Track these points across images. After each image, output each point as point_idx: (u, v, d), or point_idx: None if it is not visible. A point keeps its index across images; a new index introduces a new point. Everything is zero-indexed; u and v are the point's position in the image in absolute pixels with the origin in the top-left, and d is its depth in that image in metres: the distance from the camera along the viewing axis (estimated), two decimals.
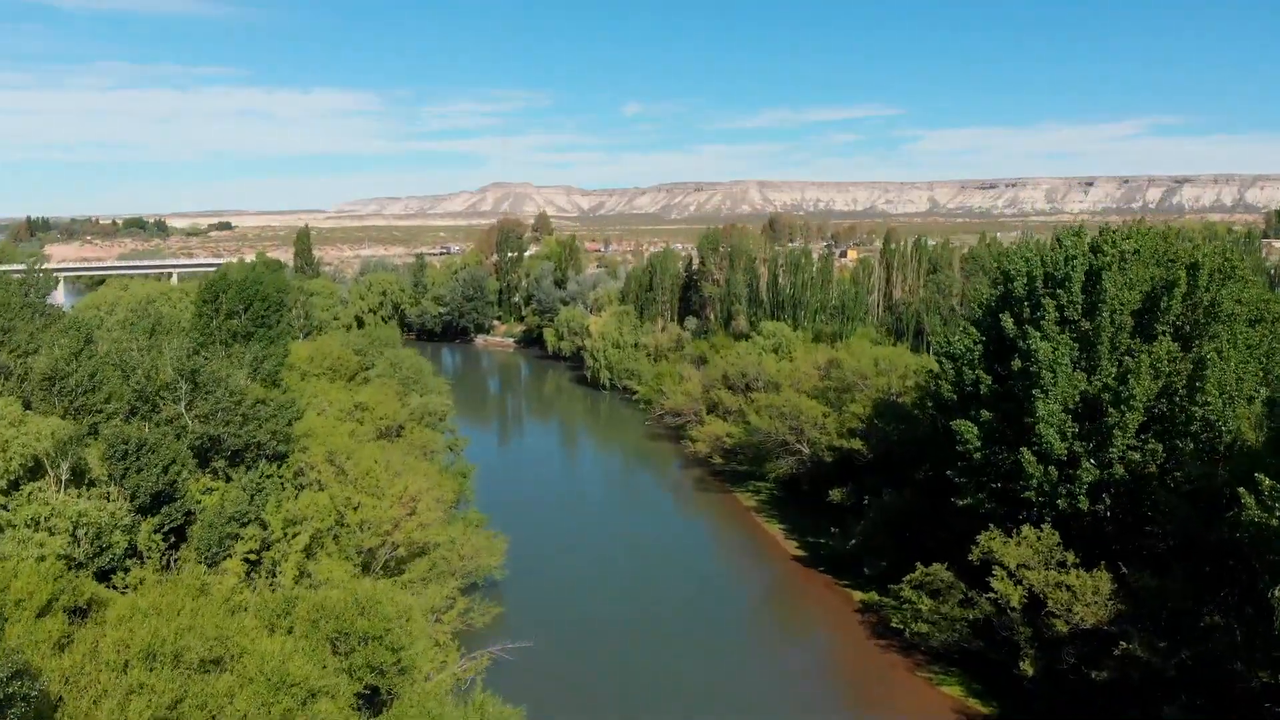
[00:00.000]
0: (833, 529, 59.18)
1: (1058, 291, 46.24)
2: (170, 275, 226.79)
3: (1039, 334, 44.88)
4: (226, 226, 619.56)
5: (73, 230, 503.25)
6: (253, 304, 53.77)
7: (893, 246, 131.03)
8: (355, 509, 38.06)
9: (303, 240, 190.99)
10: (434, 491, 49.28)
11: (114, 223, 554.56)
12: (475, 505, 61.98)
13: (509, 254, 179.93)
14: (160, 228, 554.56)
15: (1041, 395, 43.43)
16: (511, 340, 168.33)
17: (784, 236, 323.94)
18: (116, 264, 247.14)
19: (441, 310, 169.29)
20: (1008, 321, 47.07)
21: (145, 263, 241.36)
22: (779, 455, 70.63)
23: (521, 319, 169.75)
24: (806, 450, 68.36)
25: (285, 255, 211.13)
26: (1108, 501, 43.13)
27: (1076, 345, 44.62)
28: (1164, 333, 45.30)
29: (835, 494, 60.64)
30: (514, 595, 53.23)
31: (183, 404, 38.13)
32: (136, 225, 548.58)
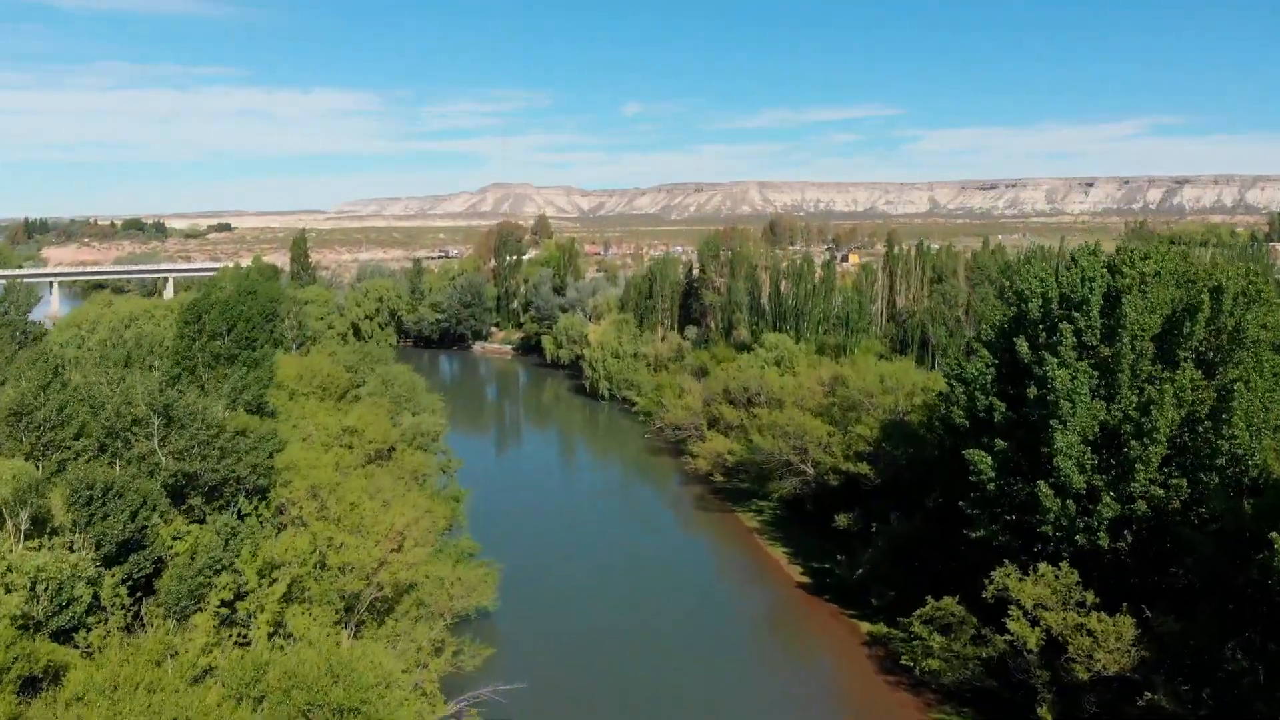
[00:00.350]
0: (839, 556, 57.17)
1: (1075, 315, 44.27)
2: (165, 280, 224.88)
3: (1056, 361, 42.90)
4: (226, 228, 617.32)
5: (70, 232, 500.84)
6: (237, 325, 51.79)
7: (896, 252, 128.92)
8: (338, 550, 36.10)
9: (299, 246, 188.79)
10: (424, 521, 47.35)
11: (112, 224, 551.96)
12: (469, 531, 60.18)
13: (507, 259, 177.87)
14: (159, 229, 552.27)
15: (1059, 426, 41.42)
16: (509, 347, 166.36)
17: (784, 240, 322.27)
18: (112, 269, 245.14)
19: (439, 317, 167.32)
20: (1023, 346, 45.11)
21: (141, 267, 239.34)
22: (782, 475, 68.68)
23: (520, 326, 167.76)
24: (811, 471, 66.39)
25: (283, 258, 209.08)
26: (1129, 539, 41.12)
27: (1096, 374, 42.62)
28: (1186, 359, 43.36)
29: (841, 520, 58.63)
30: (507, 620, 51.70)
31: (155, 440, 36.17)
32: (135, 227, 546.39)
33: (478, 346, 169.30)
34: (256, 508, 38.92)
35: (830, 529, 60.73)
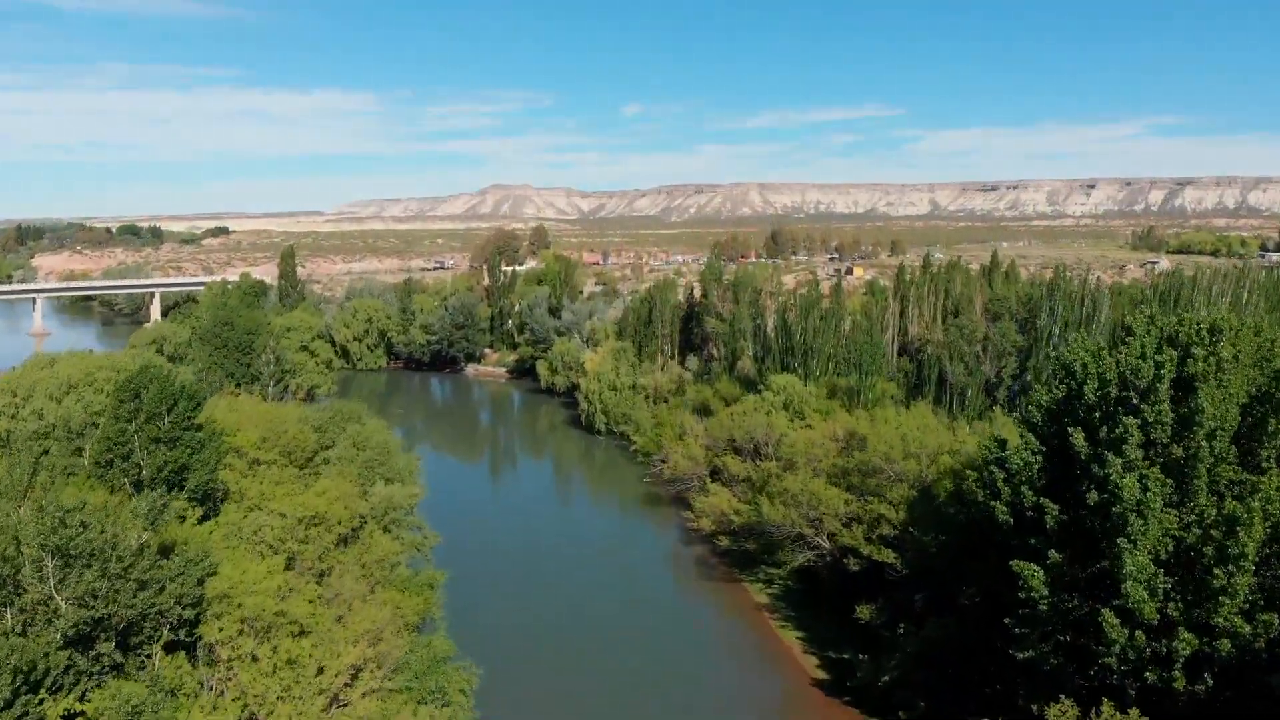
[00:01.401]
0: (861, 656, 50.95)
1: (1140, 406, 38.12)
2: (152, 296, 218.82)
3: (1120, 462, 36.76)
4: (223, 231, 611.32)
5: (63, 238, 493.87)
6: (178, 403, 45.65)
7: (907, 278, 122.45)
8: (270, 715, 30.09)
9: (287, 261, 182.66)
10: (393, 624, 41.66)
11: (107, 230, 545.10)
12: (448, 597, 54.37)
13: (501, 277, 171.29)
14: (154, 234, 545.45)
15: (1129, 545, 35.27)
16: (504, 370, 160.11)
17: (786, 249, 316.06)
18: (97, 283, 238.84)
19: (430, 338, 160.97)
20: (1079, 439, 38.97)
21: (126, 282, 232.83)
22: (794, 546, 62.59)
23: (514, 347, 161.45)
24: (826, 544, 60.27)
25: (275, 270, 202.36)
26: (1209, 682, 34.96)
27: (1170, 482, 36.44)
28: (1270, 459, 37.31)
29: (863, 612, 52.53)
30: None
31: (51, 584, 30.08)
32: (130, 232, 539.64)
33: (470, 369, 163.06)
34: (180, 647, 33.00)
35: (851, 614, 54.58)
